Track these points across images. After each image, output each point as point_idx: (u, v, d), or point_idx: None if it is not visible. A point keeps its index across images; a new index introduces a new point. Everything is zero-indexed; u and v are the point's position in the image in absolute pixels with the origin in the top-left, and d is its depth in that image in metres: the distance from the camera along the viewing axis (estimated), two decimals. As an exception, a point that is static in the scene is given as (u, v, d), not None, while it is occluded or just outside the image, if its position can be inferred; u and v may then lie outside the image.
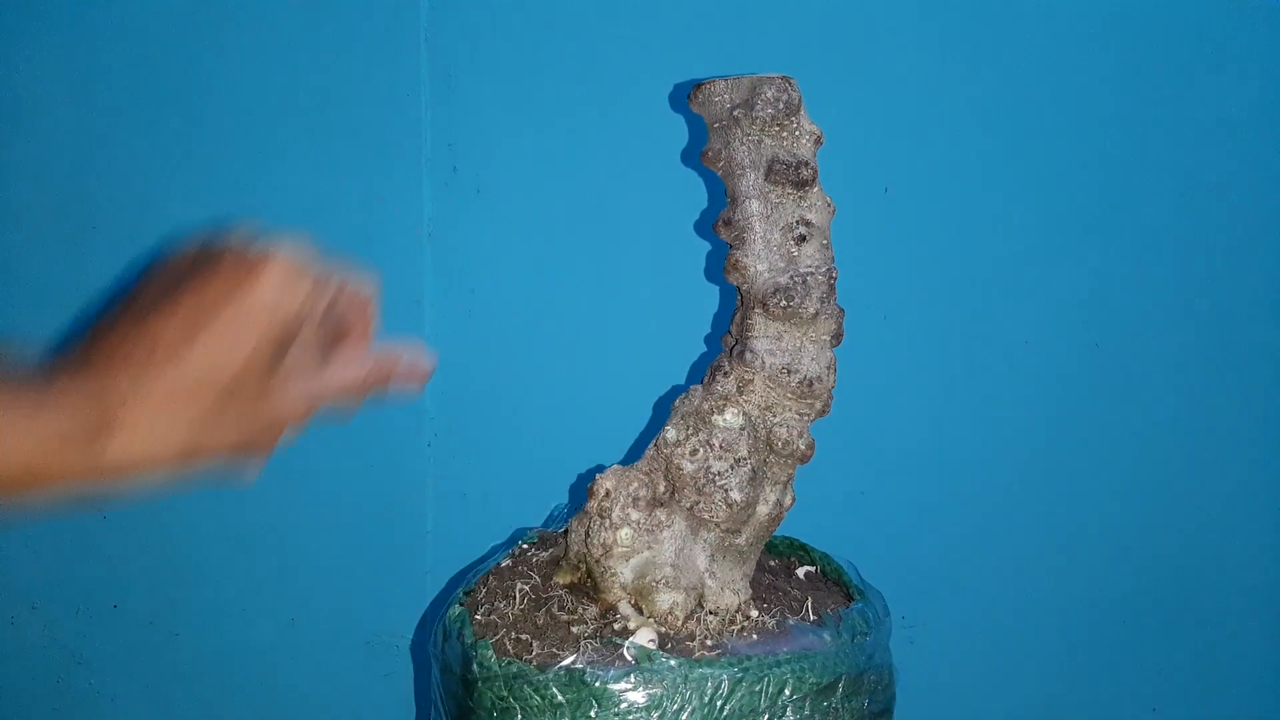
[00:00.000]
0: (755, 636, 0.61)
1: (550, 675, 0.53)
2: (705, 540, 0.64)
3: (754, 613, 0.65)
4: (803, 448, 0.65)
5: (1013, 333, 0.93)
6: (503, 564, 0.71)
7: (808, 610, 0.66)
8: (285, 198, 0.92)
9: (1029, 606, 0.97)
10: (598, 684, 0.53)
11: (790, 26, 0.90)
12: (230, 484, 0.61)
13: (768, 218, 0.64)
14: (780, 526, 0.68)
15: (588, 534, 0.64)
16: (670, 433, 0.65)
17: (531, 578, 0.68)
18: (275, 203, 0.92)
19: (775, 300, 0.63)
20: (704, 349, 0.92)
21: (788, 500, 0.67)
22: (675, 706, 0.53)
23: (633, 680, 0.53)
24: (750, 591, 0.67)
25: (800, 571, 0.75)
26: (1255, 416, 0.95)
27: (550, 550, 0.73)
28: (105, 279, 0.95)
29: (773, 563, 0.76)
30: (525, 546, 0.74)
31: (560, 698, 0.53)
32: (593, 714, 0.52)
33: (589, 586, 0.65)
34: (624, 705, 0.52)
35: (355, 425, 0.95)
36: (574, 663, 0.54)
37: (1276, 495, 0.97)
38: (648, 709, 0.52)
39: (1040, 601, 0.97)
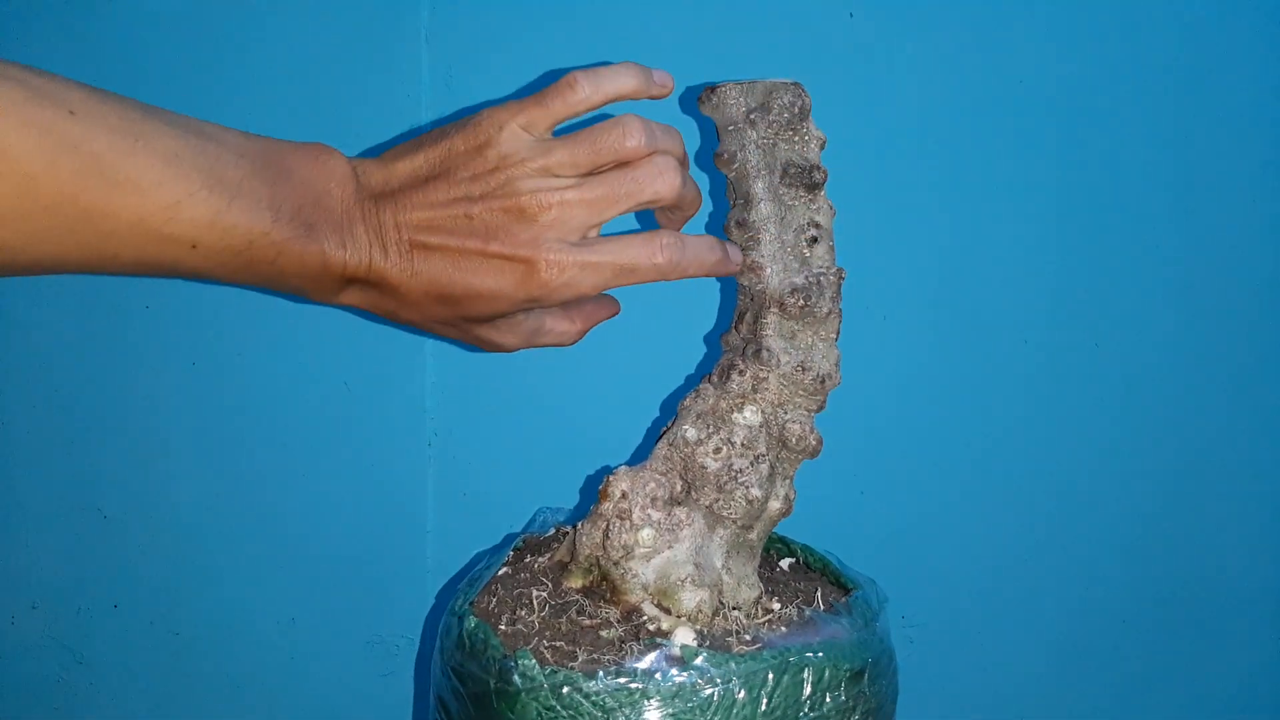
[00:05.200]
0: (784, 629, 0.62)
1: (599, 681, 0.53)
2: (720, 537, 0.65)
3: (775, 605, 0.66)
4: (814, 443, 0.66)
5: (1012, 332, 0.95)
6: (501, 572, 0.70)
7: (819, 600, 0.68)
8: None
9: (1030, 607, 1.00)
10: (650, 685, 0.53)
11: (785, 26, 0.91)
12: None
13: (781, 220, 0.65)
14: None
15: (605, 536, 0.64)
16: (690, 432, 0.66)
17: (544, 584, 0.67)
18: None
19: (793, 300, 0.64)
20: (705, 349, 0.93)
21: (794, 494, 0.68)
22: (726, 703, 0.53)
23: (682, 680, 0.53)
24: (762, 585, 0.68)
25: (784, 563, 0.77)
26: (1258, 417, 0.98)
27: (548, 555, 0.72)
28: (105, 280, 0.93)
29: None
30: (516, 553, 0.73)
31: (612, 702, 0.52)
32: (646, 717, 0.52)
33: (604, 589, 0.65)
34: (675, 705, 0.53)
35: (355, 425, 0.95)
36: (621, 666, 0.54)
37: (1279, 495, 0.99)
38: (698, 707, 0.53)
39: (1042, 602, 1.00)
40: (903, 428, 0.97)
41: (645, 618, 0.62)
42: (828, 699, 0.56)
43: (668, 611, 0.62)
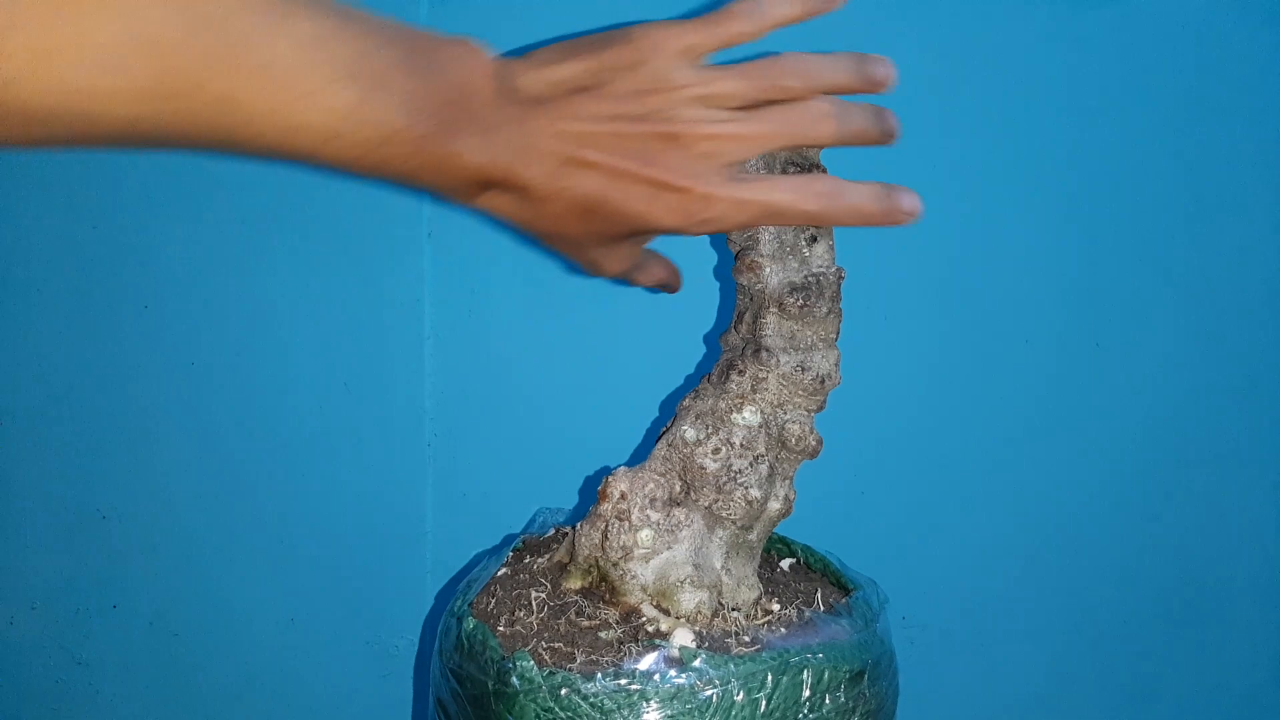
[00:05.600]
0: (784, 630, 0.62)
1: (598, 682, 0.53)
2: (720, 538, 0.65)
3: (775, 605, 0.66)
4: (813, 443, 0.66)
5: (1013, 332, 0.95)
6: (500, 573, 0.70)
7: (819, 601, 0.68)
8: (285, 196, 0.90)
9: (1032, 608, 1.00)
10: (648, 687, 0.53)
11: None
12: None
13: (781, 219, 0.65)
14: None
15: (604, 537, 0.64)
16: (689, 432, 0.65)
17: (543, 585, 0.67)
18: (275, 202, 0.90)
19: (793, 300, 0.64)
20: (705, 349, 0.92)
21: (793, 495, 0.68)
22: (725, 704, 0.53)
23: (680, 681, 0.53)
24: (761, 586, 0.68)
25: (784, 564, 0.76)
26: (1258, 417, 0.98)
27: (547, 556, 0.72)
28: (105, 280, 0.93)
29: (755, 557, 0.77)
30: (515, 554, 0.73)
31: (610, 704, 0.52)
32: (644, 718, 0.52)
33: (603, 590, 0.65)
34: (674, 707, 0.52)
35: (354, 425, 0.95)
36: (620, 668, 0.54)
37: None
38: (697, 709, 0.53)
39: (1043, 603, 1.00)
40: (903, 428, 0.96)
41: (644, 619, 0.62)
42: (827, 700, 0.56)
43: (667, 613, 0.62)
